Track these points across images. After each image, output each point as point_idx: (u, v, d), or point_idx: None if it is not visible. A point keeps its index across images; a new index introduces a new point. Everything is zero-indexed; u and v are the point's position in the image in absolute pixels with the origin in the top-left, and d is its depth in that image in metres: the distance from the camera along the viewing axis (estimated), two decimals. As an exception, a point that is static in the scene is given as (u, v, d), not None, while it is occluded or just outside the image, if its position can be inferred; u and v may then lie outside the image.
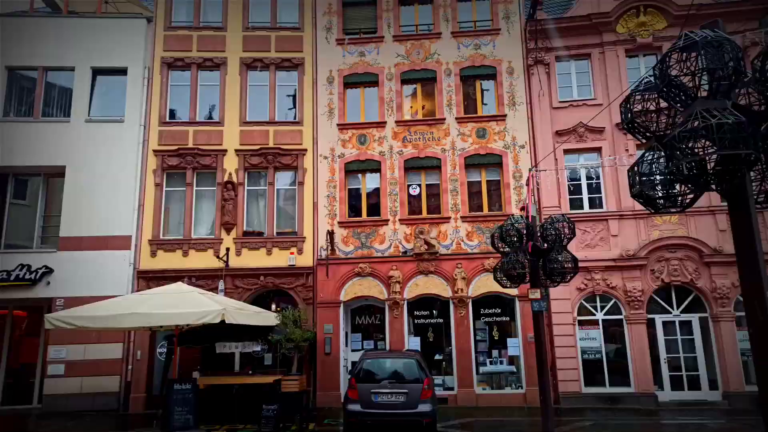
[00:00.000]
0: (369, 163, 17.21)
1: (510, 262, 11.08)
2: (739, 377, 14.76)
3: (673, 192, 5.25)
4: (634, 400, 14.83)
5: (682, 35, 4.65)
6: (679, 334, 15.48)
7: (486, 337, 16.15)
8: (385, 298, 16.17)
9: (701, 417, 13.41)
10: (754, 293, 4.55)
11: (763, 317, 4.53)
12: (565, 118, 16.73)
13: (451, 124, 17.23)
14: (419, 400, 10.63)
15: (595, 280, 15.67)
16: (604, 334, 15.62)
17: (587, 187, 16.56)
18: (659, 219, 15.76)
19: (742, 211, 4.75)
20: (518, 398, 15.33)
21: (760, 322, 4.52)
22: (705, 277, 15.30)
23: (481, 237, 16.25)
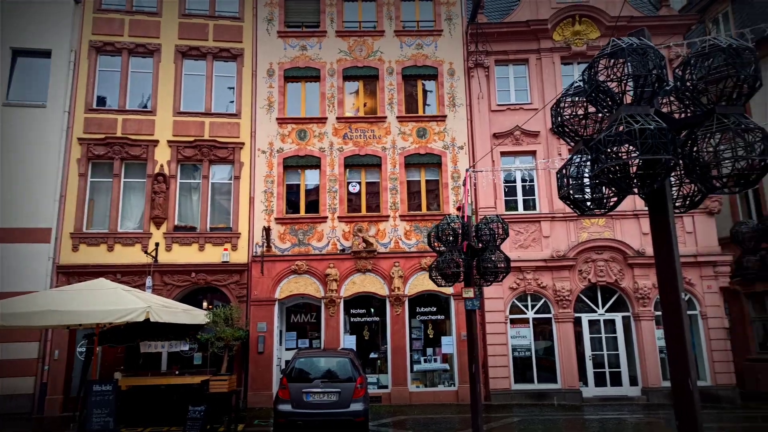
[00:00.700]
0: (309, 159, 16.95)
1: (445, 261, 11.18)
2: (657, 373, 15.56)
3: (598, 195, 5.40)
4: (560, 396, 15.35)
5: (610, 42, 4.77)
6: (603, 333, 16.16)
7: (421, 336, 16.27)
8: (322, 296, 15.98)
9: (621, 412, 14.04)
10: (670, 292, 4.74)
11: (677, 315, 4.72)
12: (503, 121, 17.09)
13: (393, 123, 17.23)
14: (352, 399, 10.53)
15: (526, 280, 16.10)
16: (533, 332, 16.08)
17: (522, 189, 17.00)
18: (588, 221, 16.38)
19: (661, 215, 4.93)
20: (451, 395, 15.54)
21: (675, 320, 4.70)
22: (628, 278, 16.04)
23: (419, 236, 16.35)
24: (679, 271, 4.74)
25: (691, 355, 4.71)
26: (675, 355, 4.71)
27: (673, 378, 4.75)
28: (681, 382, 4.67)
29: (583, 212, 5.55)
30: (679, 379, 4.68)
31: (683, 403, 4.67)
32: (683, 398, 4.67)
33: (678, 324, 4.71)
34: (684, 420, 4.66)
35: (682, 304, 4.67)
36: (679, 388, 4.69)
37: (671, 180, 5.17)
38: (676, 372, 4.72)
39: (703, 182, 4.92)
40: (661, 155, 4.37)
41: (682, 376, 4.67)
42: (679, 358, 4.67)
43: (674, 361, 4.73)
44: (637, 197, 16.28)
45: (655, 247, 4.96)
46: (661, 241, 4.92)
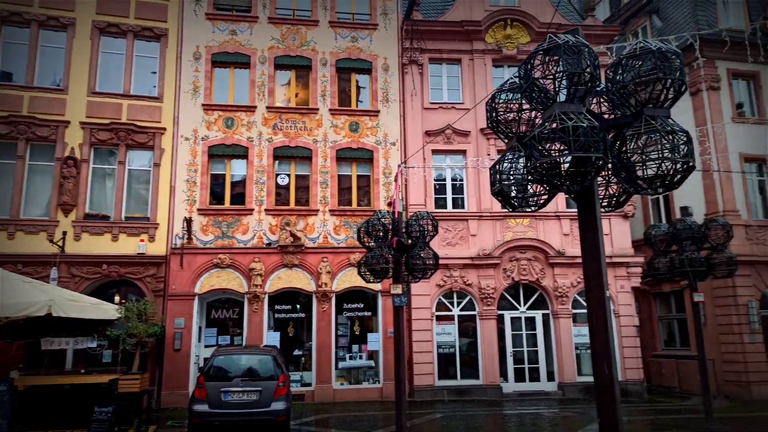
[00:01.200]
0: (235, 148, 16.28)
1: (374, 257, 11.02)
2: (573, 369, 16.19)
3: (529, 193, 5.39)
4: (481, 392, 15.63)
5: (547, 38, 4.74)
6: (524, 330, 16.62)
7: (347, 332, 16.06)
8: (245, 291, 15.41)
9: (539, 406, 14.48)
10: (596, 289, 4.78)
11: (602, 312, 4.77)
12: (435, 119, 17.17)
13: (325, 115, 16.88)
14: (273, 398, 10.15)
15: (453, 278, 16.27)
16: (458, 329, 16.28)
17: (451, 188, 17.16)
18: (513, 221, 16.78)
19: (589, 215, 4.97)
20: (375, 393, 15.44)
21: (600, 316, 4.75)
22: (549, 277, 16.57)
23: (349, 231, 16.12)
24: (604, 268, 4.79)
25: (613, 350, 4.77)
26: (599, 351, 4.76)
27: (596, 373, 4.81)
28: (603, 377, 4.73)
29: (515, 209, 5.53)
30: (602, 374, 4.74)
31: (605, 397, 4.72)
32: (605, 393, 4.72)
33: (602, 320, 4.76)
34: (605, 413, 4.71)
35: (607, 301, 4.72)
36: (601, 382, 4.75)
37: (598, 180, 5.25)
38: (599, 367, 4.77)
39: (630, 183, 5.01)
40: (592, 153, 4.38)
41: (604, 370, 4.72)
42: (603, 354, 4.72)
43: (598, 356, 4.78)
44: (559, 199, 16.90)
45: (583, 245, 5.00)
46: (588, 240, 4.96)
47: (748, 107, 18.15)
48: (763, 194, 17.68)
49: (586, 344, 16.61)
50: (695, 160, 4.67)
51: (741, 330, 16.13)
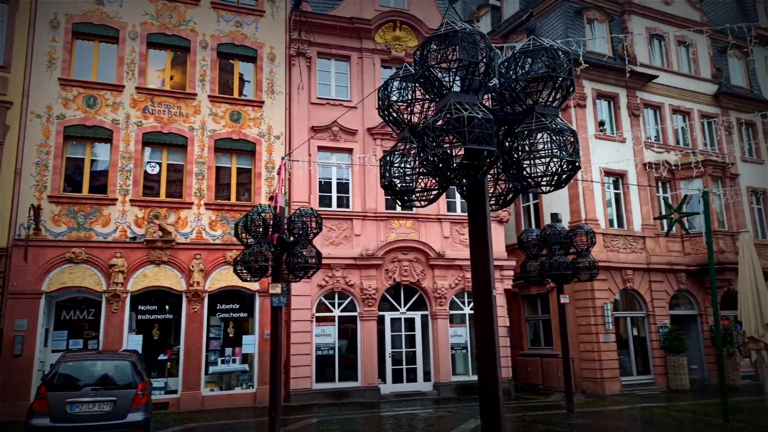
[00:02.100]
0: (98, 130, 14.63)
1: (252, 254, 10.34)
2: (448, 369, 16.54)
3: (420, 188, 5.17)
4: (359, 394, 15.43)
5: (444, 23, 4.53)
6: (403, 330, 16.70)
7: (221, 335, 15.07)
8: (104, 289, 13.85)
9: (415, 407, 14.57)
10: (483, 289, 4.64)
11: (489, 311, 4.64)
12: (322, 115, 16.73)
13: (203, 102, 15.75)
14: (130, 409, 9.07)
15: (335, 278, 15.92)
16: (338, 331, 15.96)
17: (336, 187, 16.81)
18: (396, 222, 16.82)
19: (479, 213, 4.83)
20: (248, 398, 14.62)
21: (486, 316, 4.61)
22: (429, 278, 16.82)
23: (226, 227, 15.15)
24: (492, 267, 4.67)
25: (499, 350, 4.66)
26: (484, 351, 4.62)
27: (480, 373, 4.68)
28: (488, 376, 4.61)
29: (404, 203, 5.27)
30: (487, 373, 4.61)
31: (488, 395, 4.60)
32: (489, 391, 4.60)
33: (489, 320, 4.63)
34: (488, 412, 4.59)
35: (494, 300, 4.60)
36: (485, 381, 4.62)
37: (487, 178, 5.15)
38: (483, 367, 4.65)
39: (518, 180, 4.95)
40: (486, 146, 4.22)
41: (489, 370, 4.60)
42: (488, 353, 4.59)
43: (483, 355, 4.64)
44: (440, 202, 17.22)
45: (472, 244, 4.85)
46: (477, 237, 4.81)
47: (608, 125, 19.84)
48: (618, 206, 19.39)
49: (461, 345, 17.09)
50: (580, 161, 4.71)
51: (597, 330, 17.50)
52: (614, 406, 14.94)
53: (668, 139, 20.69)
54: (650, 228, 19.24)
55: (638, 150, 19.68)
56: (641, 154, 19.74)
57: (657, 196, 19.76)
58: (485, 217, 4.83)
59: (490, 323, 4.64)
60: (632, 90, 20.12)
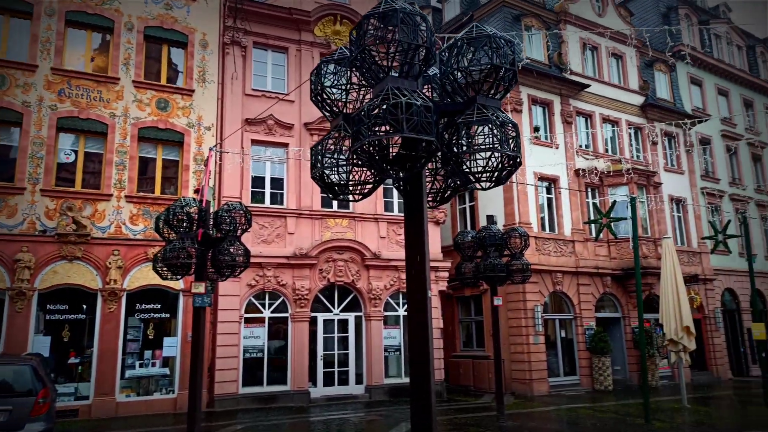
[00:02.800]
0: (6, 113, 13.34)
1: (174, 250, 9.64)
2: (381, 371, 16.26)
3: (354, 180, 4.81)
4: (289, 398, 14.87)
5: (383, 1, 4.19)
6: (336, 332, 16.28)
7: (139, 337, 14.09)
8: (7, 287, 12.62)
9: (345, 411, 14.18)
10: (418, 288, 4.34)
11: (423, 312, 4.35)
12: (257, 107, 16.04)
13: (127, 87, 14.72)
14: (28, 418, 8.18)
15: (267, 277, 15.29)
16: (268, 332, 15.33)
17: (270, 183, 16.18)
18: (332, 221, 16.38)
19: (416, 210, 4.52)
20: (168, 404, 13.74)
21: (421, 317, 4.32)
22: (364, 279, 16.48)
23: (149, 221, 14.19)
24: (428, 266, 4.37)
25: (433, 352, 4.38)
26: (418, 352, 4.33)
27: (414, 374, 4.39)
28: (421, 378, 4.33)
29: (336, 197, 4.90)
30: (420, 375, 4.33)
31: (421, 397, 4.32)
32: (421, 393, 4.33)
33: (423, 320, 4.33)
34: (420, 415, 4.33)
35: (429, 300, 4.31)
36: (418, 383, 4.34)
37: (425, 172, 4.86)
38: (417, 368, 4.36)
39: (458, 175, 4.68)
40: (425, 135, 3.91)
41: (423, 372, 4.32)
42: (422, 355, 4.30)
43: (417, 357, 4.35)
44: (377, 201, 16.94)
45: (408, 241, 4.54)
46: (413, 235, 4.51)
47: (543, 131, 20.25)
48: (551, 210, 19.81)
49: (395, 346, 16.86)
50: (521, 157, 4.50)
51: (528, 332, 17.76)
52: (542, 407, 15.15)
53: (598, 146, 21.38)
54: (579, 232, 19.78)
55: (570, 156, 20.19)
56: (573, 160, 20.28)
57: (586, 201, 20.36)
58: (422, 213, 4.54)
59: (425, 324, 4.36)
60: (566, 98, 20.64)
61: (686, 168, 24.15)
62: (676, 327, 14.66)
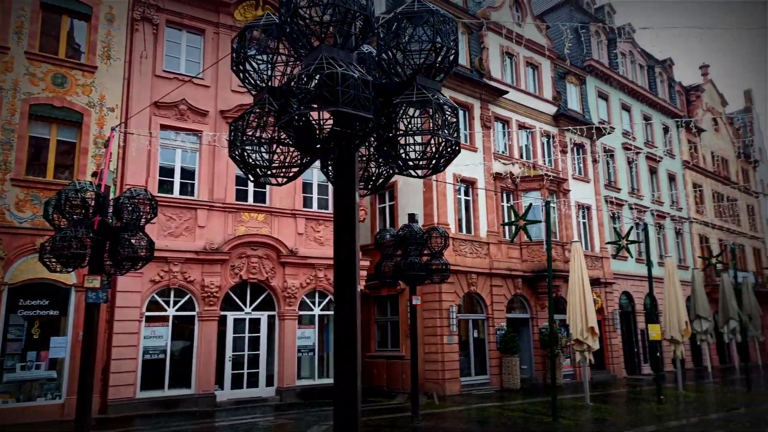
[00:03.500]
0: None
1: (66, 239, 8.59)
2: (293, 373, 15.67)
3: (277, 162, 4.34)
4: (192, 402, 13.93)
5: (319, -39, 3.76)
6: (247, 332, 15.50)
7: (22, 336, 12.62)
8: None
9: (254, 414, 13.49)
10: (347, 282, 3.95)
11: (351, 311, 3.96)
12: (169, 90, 14.93)
13: (18, 59, 13.18)
14: None
15: (173, 273, 14.25)
16: (172, 332, 14.29)
17: (180, 172, 15.12)
18: (247, 215, 15.59)
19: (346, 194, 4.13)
20: (55, 410, 12.40)
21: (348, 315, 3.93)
22: (279, 277, 15.82)
23: (38, 209, 12.74)
24: (358, 260, 4.00)
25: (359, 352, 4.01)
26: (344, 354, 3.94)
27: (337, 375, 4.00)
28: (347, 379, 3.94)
29: (258, 179, 4.39)
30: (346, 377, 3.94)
31: (345, 401, 3.95)
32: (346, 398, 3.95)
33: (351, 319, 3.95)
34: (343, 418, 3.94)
35: (358, 297, 3.93)
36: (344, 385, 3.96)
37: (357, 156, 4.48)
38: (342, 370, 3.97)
39: (393, 160, 4.34)
40: (362, 112, 3.53)
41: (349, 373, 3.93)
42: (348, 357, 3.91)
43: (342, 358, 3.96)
44: (296, 196, 16.35)
45: (338, 232, 4.13)
46: (343, 225, 4.12)
47: (463, 134, 20.51)
48: (468, 212, 20.11)
49: (309, 347, 16.33)
50: (460, 144, 4.23)
51: (442, 332, 17.86)
52: (455, 407, 15.24)
53: (514, 152, 22.01)
54: (494, 235, 20.23)
55: (488, 160, 20.61)
56: (491, 164, 20.71)
57: (502, 204, 20.88)
58: (353, 199, 4.15)
59: (353, 318, 3.98)
60: (486, 102, 21.06)
61: (592, 177, 25.48)
62: (582, 327, 15.26)
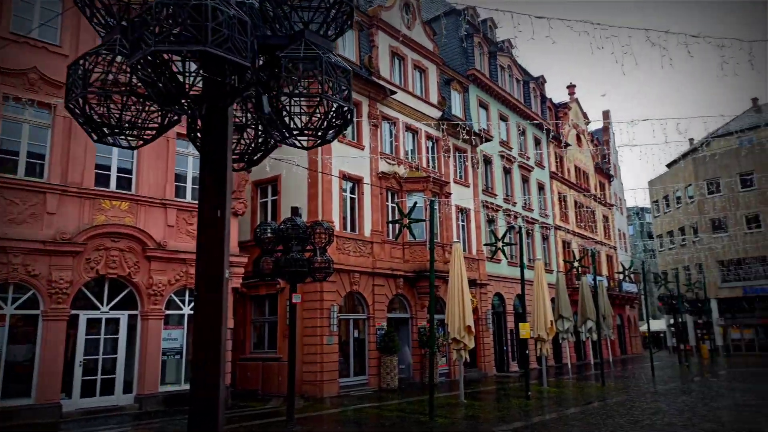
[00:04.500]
0: None
1: None
2: (156, 378, 14.26)
3: (128, 118, 3.58)
4: (32, 414, 12.08)
5: None
6: (103, 333, 13.84)
7: None
8: None
9: (106, 426, 12.00)
10: (214, 267, 3.31)
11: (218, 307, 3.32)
12: (17, 55, 12.93)
13: None
14: None
15: (12, 265, 12.30)
16: (8, 334, 12.31)
17: (28, 150, 13.13)
18: (107, 203, 13.94)
19: (215, 166, 3.47)
20: None
21: (215, 312, 3.29)
22: (143, 272, 14.34)
23: None
24: (227, 233, 3.37)
25: (225, 356, 3.38)
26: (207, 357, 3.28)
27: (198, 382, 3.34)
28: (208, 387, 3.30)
29: (103, 139, 3.60)
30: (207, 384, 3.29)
31: (203, 408, 3.31)
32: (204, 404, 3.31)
33: (217, 317, 3.31)
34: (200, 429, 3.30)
35: (226, 289, 3.30)
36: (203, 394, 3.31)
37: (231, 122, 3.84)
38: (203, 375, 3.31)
39: (275, 128, 3.74)
40: (238, 58, 2.92)
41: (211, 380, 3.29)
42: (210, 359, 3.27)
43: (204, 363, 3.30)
44: (169, 184, 14.96)
45: (202, 209, 3.47)
46: (210, 195, 3.45)
47: (350, 131, 20.19)
48: (353, 210, 19.80)
49: (175, 349, 14.98)
50: (353, 111, 3.76)
51: (322, 332, 17.32)
52: (332, 409, 14.78)
53: (400, 152, 22.11)
54: (378, 234, 20.11)
55: (374, 159, 20.47)
56: (377, 163, 20.59)
57: (387, 204, 20.83)
58: (224, 174, 3.50)
59: (219, 308, 3.34)
60: (374, 101, 20.92)
61: (471, 182, 26.41)
62: (460, 326, 15.54)
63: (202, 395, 3.25)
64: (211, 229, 3.36)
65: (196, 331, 3.29)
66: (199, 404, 3.33)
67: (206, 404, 3.29)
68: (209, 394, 3.28)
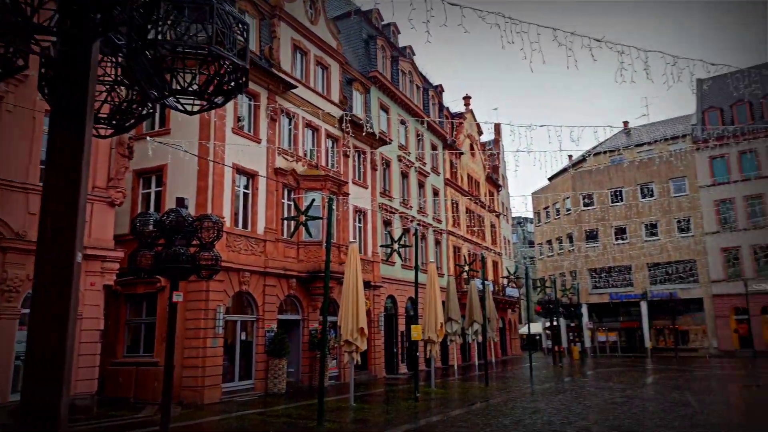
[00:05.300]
0: None
1: None
2: (8, 386, 12.48)
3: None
4: None
5: None
6: (-60, 335, 11.84)
7: None
8: None
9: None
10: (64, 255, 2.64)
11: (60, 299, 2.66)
12: None
13: None
14: None
15: None
16: None
17: None
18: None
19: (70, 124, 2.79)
20: None
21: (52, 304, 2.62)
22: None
23: None
24: (82, 207, 2.71)
25: (69, 360, 2.72)
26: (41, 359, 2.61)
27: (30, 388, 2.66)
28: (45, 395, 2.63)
29: None
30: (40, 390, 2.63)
31: (38, 422, 2.63)
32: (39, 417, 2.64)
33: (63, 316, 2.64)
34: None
35: (78, 266, 2.64)
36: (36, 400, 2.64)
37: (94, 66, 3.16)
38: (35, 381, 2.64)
39: (151, 84, 3.12)
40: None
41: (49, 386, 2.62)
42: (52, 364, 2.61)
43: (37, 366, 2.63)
44: (33, 165, 13.24)
45: (49, 178, 2.78)
46: (62, 159, 2.78)
47: (247, 123, 19.22)
48: (246, 206, 18.82)
49: (32, 353, 13.19)
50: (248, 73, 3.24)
51: (206, 334, 16.22)
52: (213, 416, 13.81)
53: (299, 149, 21.45)
54: (272, 232, 19.30)
55: (271, 154, 19.65)
56: (274, 158, 19.78)
57: (282, 201, 20.07)
58: (82, 137, 2.83)
59: (64, 315, 2.67)
60: (273, 94, 20.10)
61: (369, 183, 26.32)
62: (353, 328, 15.23)
63: (39, 415, 2.58)
64: (58, 204, 2.69)
65: (30, 335, 2.60)
66: (33, 417, 2.65)
67: (44, 418, 2.62)
68: (48, 404, 2.62)
